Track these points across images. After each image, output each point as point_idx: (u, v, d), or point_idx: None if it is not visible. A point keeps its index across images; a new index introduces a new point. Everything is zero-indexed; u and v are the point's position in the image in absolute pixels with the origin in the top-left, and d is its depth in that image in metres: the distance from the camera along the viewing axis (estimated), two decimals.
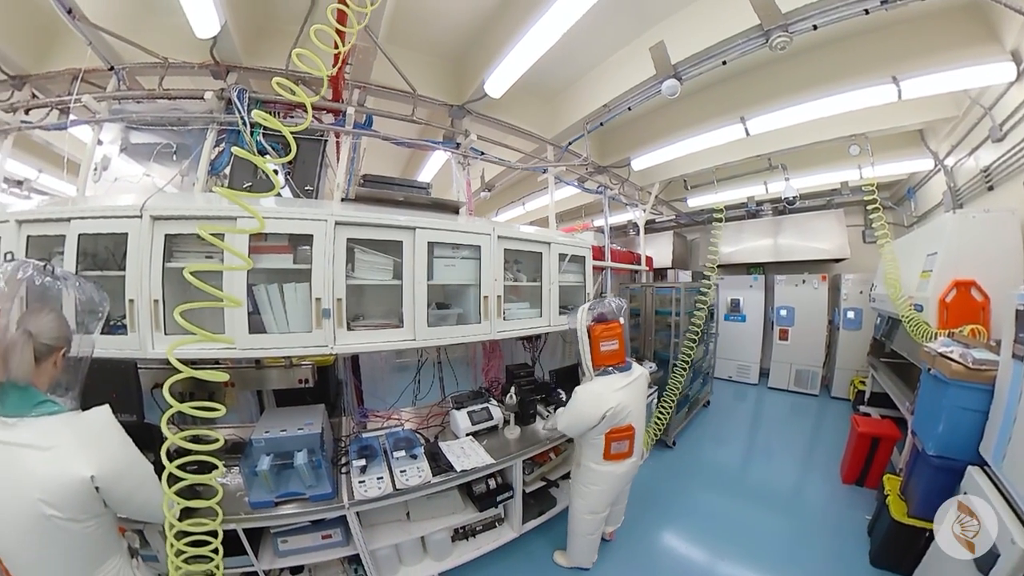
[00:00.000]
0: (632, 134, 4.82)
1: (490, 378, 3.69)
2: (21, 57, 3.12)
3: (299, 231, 2.10)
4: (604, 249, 4.76)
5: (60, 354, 1.36)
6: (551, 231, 3.65)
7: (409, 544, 2.57)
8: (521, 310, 2.95)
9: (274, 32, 3.18)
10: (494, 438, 2.88)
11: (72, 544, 1.30)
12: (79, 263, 2.05)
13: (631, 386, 2.40)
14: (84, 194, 2.86)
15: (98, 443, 1.33)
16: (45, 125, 3.10)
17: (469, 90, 3.53)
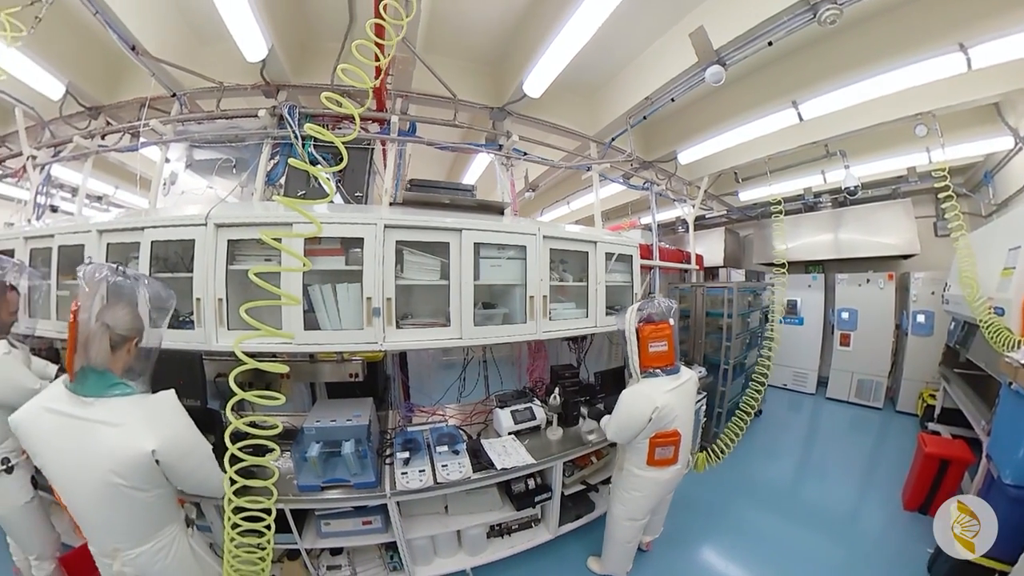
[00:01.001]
0: (677, 126, 4.62)
1: (534, 378, 3.66)
2: (95, 90, 3.53)
3: (350, 235, 2.22)
4: (652, 247, 4.56)
5: (133, 343, 1.54)
6: (597, 230, 3.55)
7: (445, 537, 2.64)
8: (567, 310, 2.90)
9: (317, 51, 3.41)
10: (536, 438, 2.85)
11: (135, 510, 1.49)
12: (152, 266, 2.28)
13: (679, 389, 2.31)
14: (155, 206, 3.14)
15: (162, 422, 1.51)
16: (119, 148, 3.47)
17: (508, 92, 3.53)
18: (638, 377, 2.32)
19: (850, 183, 4.82)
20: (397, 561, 2.53)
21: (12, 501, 2.16)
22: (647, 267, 4.34)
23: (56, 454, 1.45)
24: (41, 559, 2.31)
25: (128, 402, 1.47)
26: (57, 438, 1.43)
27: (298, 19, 3.23)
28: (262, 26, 2.64)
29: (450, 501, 2.65)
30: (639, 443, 2.27)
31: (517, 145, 3.61)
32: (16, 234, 2.99)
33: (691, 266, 5.34)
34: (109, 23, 2.59)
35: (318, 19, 3.27)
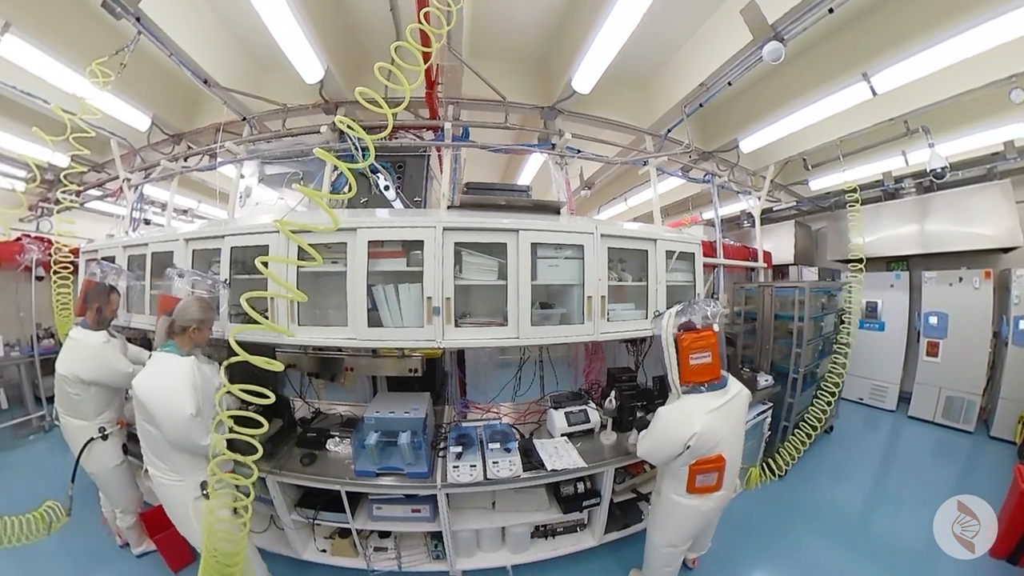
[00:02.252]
0: (737, 112, 4.34)
1: (590, 380, 3.58)
2: (176, 120, 4.13)
3: (411, 238, 2.32)
4: (715, 244, 4.27)
5: (191, 329, 2.07)
6: (656, 227, 3.42)
7: (489, 532, 2.67)
8: (626, 311, 2.79)
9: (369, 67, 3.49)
10: (589, 441, 2.78)
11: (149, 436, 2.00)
12: (232, 269, 2.57)
13: (725, 408, 2.02)
14: (233, 216, 3.53)
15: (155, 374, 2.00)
16: (200, 168, 4.01)
17: (557, 90, 3.51)
18: (678, 392, 2.06)
19: (936, 164, 4.22)
20: (441, 550, 2.60)
21: (105, 463, 2.58)
22: (710, 266, 4.10)
23: None
24: (125, 512, 2.74)
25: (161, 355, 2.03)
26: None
27: (349, 41, 3.47)
28: (317, 51, 2.91)
29: (498, 498, 2.66)
30: (678, 469, 2.04)
31: (570, 143, 3.57)
32: (116, 244, 3.48)
33: (758, 264, 4.98)
34: (182, 62, 2.98)
35: (367, 38, 3.47)
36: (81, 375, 2.45)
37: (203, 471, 2.01)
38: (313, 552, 2.68)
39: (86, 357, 2.48)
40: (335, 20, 3.22)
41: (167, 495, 2.05)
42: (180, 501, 2.04)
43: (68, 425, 2.55)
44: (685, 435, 1.92)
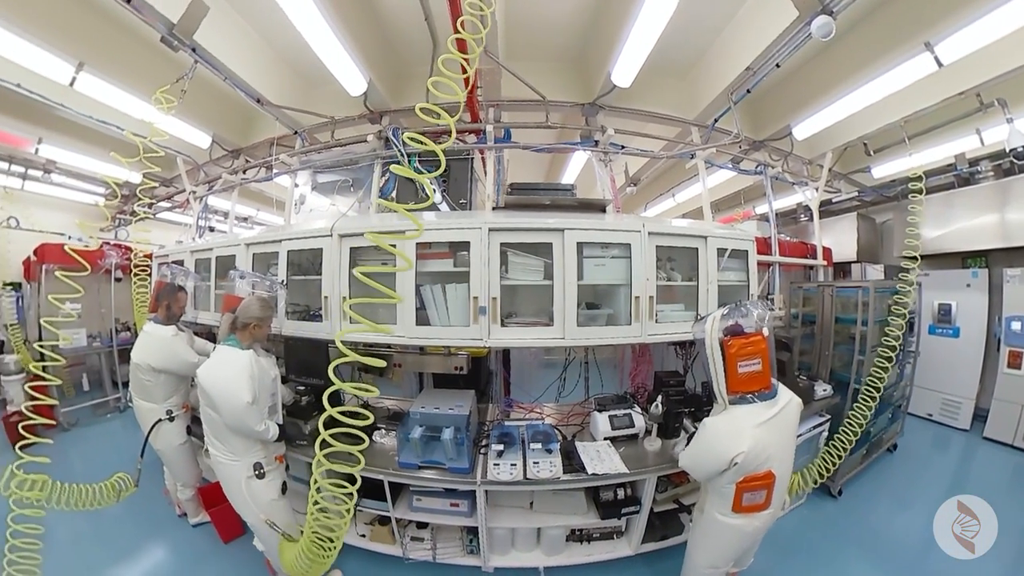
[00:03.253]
0: (788, 96, 4.07)
1: (636, 383, 3.50)
2: (234, 137, 4.54)
3: (457, 239, 2.37)
4: (770, 240, 3.97)
5: (252, 326, 2.24)
6: (707, 223, 3.29)
7: (525, 532, 2.67)
8: (675, 312, 2.66)
9: (410, 76, 3.77)
10: (632, 447, 2.70)
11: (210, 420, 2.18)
12: (288, 271, 2.80)
13: (775, 420, 1.85)
14: (289, 223, 3.87)
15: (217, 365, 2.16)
16: (257, 179, 4.46)
17: (597, 85, 3.45)
18: (724, 403, 1.89)
19: (1016, 142, 3.68)
20: (475, 545, 2.64)
21: (170, 441, 2.89)
22: (765, 264, 3.84)
23: None
24: (185, 486, 3.08)
25: (223, 348, 2.20)
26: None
27: (388, 53, 3.60)
28: (359, 65, 3.05)
29: (536, 498, 2.66)
30: (724, 487, 1.88)
31: (613, 139, 3.50)
32: (184, 249, 3.91)
33: (817, 261, 4.55)
34: (236, 84, 3.28)
35: (406, 48, 3.58)
36: (152, 364, 2.78)
37: (257, 453, 2.21)
38: (353, 536, 2.78)
39: (157, 348, 2.81)
40: (373, 34, 3.35)
41: (224, 473, 2.23)
42: (235, 479, 2.20)
43: (140, 407, 2.89)
44: (732, 451, 1.77)
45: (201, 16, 2.62)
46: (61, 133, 4.79)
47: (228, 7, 3.12)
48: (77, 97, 3.55)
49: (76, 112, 3.85)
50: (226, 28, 3.09)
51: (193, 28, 2.65)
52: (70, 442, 4.70)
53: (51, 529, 2.16)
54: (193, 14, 2.59)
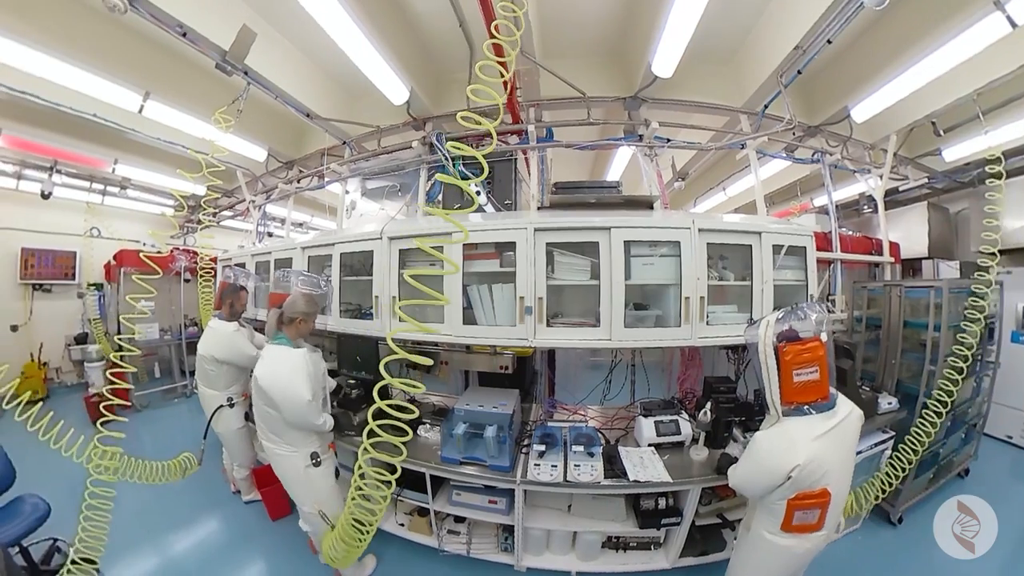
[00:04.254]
0: (843, 74, 3.71)
1: (685, 388, 3.32)
2: (287, 149, 4.93)
3: (503, 239, 2.41)
4: (830, 235, 3.68)
5: (298, 320, 2.32)
6: (761, 217, 3.11)
7: (560, 535, 2.63)
8: (727, 314, 2.52)
9: (450, 81, 3.85)
10: (677, 455, 2.58)
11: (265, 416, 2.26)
12: (342, 272, 2.98)
13: (833, 434, 1.71)
14: (341, 227, 4.04)
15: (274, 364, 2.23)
16: (310, 188, 4.78)
17: (638, 77, 3.33)
18: (778, 415, 1.76)
19: None
20: (510, 544, 2.64)
21: (230, 426, 3.19)
22: (825, 261, 3.53)
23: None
24: (241, 466, 3.39)
25: (274, 347, 2.28)
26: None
27: (427, 61, 3.69)
28: (400, 75, 3.17)
29: (575, 501, 2.63)
30: (774, 503, 1.76)
31: (658, 132, 3.37)
32: (246, 253, 4.37)
33: (883, 258, 4.10)
34: (287, 101, 3.52)
35: (444, 56, 3.62)
36: (215, 355, 3.07)
37: (313, 443, 2.32)
38: (392, 524, 2.88)
39: (220, 342, 3.09)
40: (411, 44, 3.43)
41: (283, 464, 2.34)
42: (295, 468, 2.31)
43: (204, 394, 3.21)
44: (787, 466, 1.64)
45: (250, 42, 2.85)
46: (134, 154, 5.41)
47: (274, 32, 3.34)
48: (146, 122, 3.98)
49: (145, 135, 4.34)
50: (273, 51, 3.32)
51: (244, 54, 2.89)
52: (142, 422, 5.27)
53: (121, 498, 2.43)
54: (242, 41, 2.82)
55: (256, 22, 2.98)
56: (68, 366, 6.70)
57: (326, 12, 2.53)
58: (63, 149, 5.17)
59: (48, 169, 5.56)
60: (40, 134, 4.81)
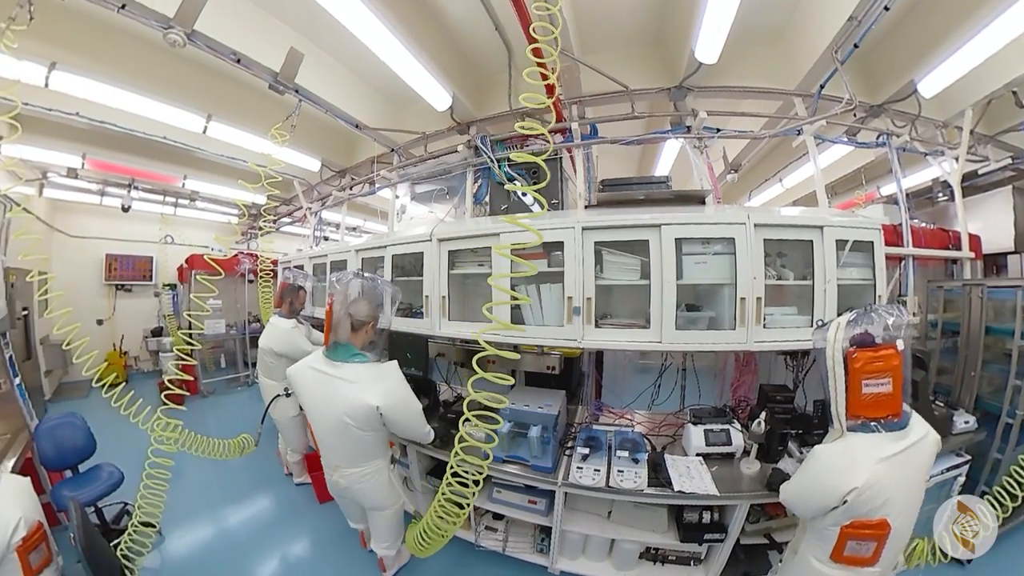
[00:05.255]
0: (906, 44, 3.31)
1: (738, 396, 3.18)
2: (339, 159, 5.20)
3: (551, 239, 2.37)
4: (900, 228, 3.25)
5: (369, 326, 2.14)
6: (822, 210, 2.89)
7: (598, 541, 2.58)
8: (786, 316, 2.33)
9: (490, 85, 3.89)
10: (726, 467, 2.43)
11: (356, 443, 2.13)
12: (393, 273, 3.12)
13: (902, 457, 1.51)
14: (393, 230, 4.28)
15: (386, 385, 2.08)
16: (362, 194, 5.06)
17: (681, 66, 3.20)
18: (841, 428, 1.60)
19: None
20: (546, 545, 2.63)
21: (286, 413, 3.43)
22: (894, 257, 3.16)
23: (312, 396, 2.16)
24: (295, 452, 3.68)
25: (363, 367, 2.08)
26: (314, 386, 2.13)
27: (466, 66, 3.75)
28: (441, 83, 3.26)
29: (615, 508, 2.56)
30: (826, 528, 1.59)
31: (706, 123, 3.24)
32: (304, 256, 4.81)
33: (962, 253, 3.59)
34: (336, 114, 3.74)
35: (482, 60, 3.67)
36: (275, 349, 3.35)
37: (387, 449, 2.37)
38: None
39: (279, 337, 3.36)
40: (450, 52, 3.50)
41: (370, 482, 2.24)
42: (381, 480, 2.27)
43: (264, 383, 3.52)
44: (844, 487, 1.48)
45: (298, 63, 3.09)
46: (201, 170, 5.98)
47: (319, 51, 3.54)
48: (210, 141, 4.43)
49: (210, 153, 4.84)
50: (321, 69, 3.52)
51: (293, 74, 3.13)
52: (208, 406, 6.01)
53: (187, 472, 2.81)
54: (291, 62, 3.07)
55: (303, 44, 3.20)
56: (145, 355, 7.72)
57: (367, 29, 2.65)
58: (139, 168, 5.84)
59: (127, 186, 6.34)
60: (119, 156, 5.41)
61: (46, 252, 6.20)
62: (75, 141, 4.95)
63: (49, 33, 2.82)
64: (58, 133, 4.64)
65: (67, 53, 3.14)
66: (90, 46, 3.22)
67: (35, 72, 3.05)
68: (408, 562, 2.75)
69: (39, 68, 3.05)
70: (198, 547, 3.01)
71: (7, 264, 3.66)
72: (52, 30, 2.84)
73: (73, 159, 5.25)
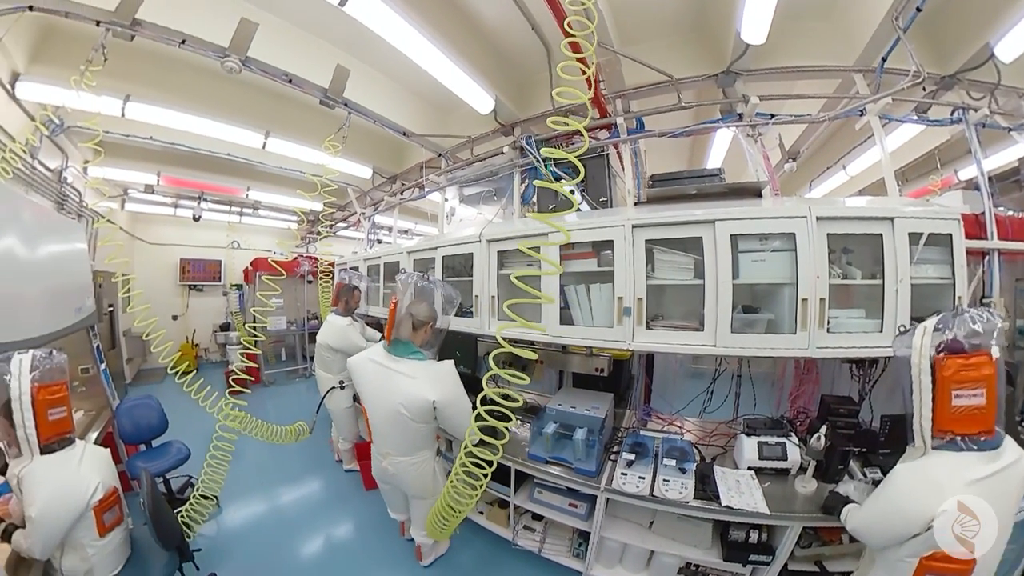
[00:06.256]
0: (977, 1, 2.94)
1: (797, 407, 2.98)
2: (388, 166, 5.51)
3: (600, 238, 2.38)
4: (983, 217, 2.74)
5: (428, 326, 2.33)
6: (892, 199, 2.62)
7: (636, 551, 2.50)
8: (852, 320, 2.12)
9: (532, 84, 3.91)
10: (779, 484, 2.29)
11: (408, 433, 2.29)
12: (444, 273, 3.24)
13: (994, 481, 1.34)
14: (442, 232, 4.48)
15: (442, 382, 2.24)
16: (413, 198, 5.28)
17: (727, 50, 3.03)
18: (925, 445, 1.45)
19: None
20: (582, 551, 2.61)
21: (339, 404, 3.69)
22: (977, 252, 2.66)
23: (371, 386, 2.36)
24: (346, 440, 3.94)
25: (420, 364, 2.26)
26: (373, 377, 2.33)
27: (506, 68, 3.79)
28: (483, 86, 3.34)
29: (658, 518, 2.45)
30: (901, 559, 1.43)
31: (759, 108, 3.02)
32: (359, 258, 5.19)
33: None
34: (384, 124, 3.94)
35: (521, 60, 3.68)
36: (331, 344, 3.60)
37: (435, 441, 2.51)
38: (472, 511, 2.87)
39: (335, 333, 3.61)
40: (490, 56, 3.56)
41: (417, 471, 2.41)
42: (428, 470, 2.46)
43: (320, 376, 3.79)
44: (928, 511, 1.34)
45: (345, 78, 3.32)
46: (262, 181, 6.61)
47: (364, 66, 3.74)
48: (269, 155, 4.92)
49: (269, 166, 5.37)
50: (366, 82, 3.73)
51: (341, 89, 3.35)
52: (268, 395, 6.63)
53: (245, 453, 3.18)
54: (339, 78, 3.30)
55: (348, 60, 3.43)
56: (214, 348, 8.70)
57: (408, 42, 2.77)
58: (207, 183, 6.59)
59: (197, 198, 7.17)
60: (189, 173, 6.13)
61: (128, 257, 7.10)
62: (150, 161, 5.64)
63: (122, 70, 3.18)
64: (135, 155, 5.30)
65: (139, 86, 3.60)
66: (158, 78, 3.67)
67: (113, 105, 3.53)
68: (444, 554, 2.85)
69: (116, 101, 3.53)
70: (250, 521, 3.34)
71: (95, 268, 4.15)
72: (124, 68, 3.21)
73: (149, 177, 6.05)
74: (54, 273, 2.99)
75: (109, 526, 1.92)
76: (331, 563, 2.90)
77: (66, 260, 3.25)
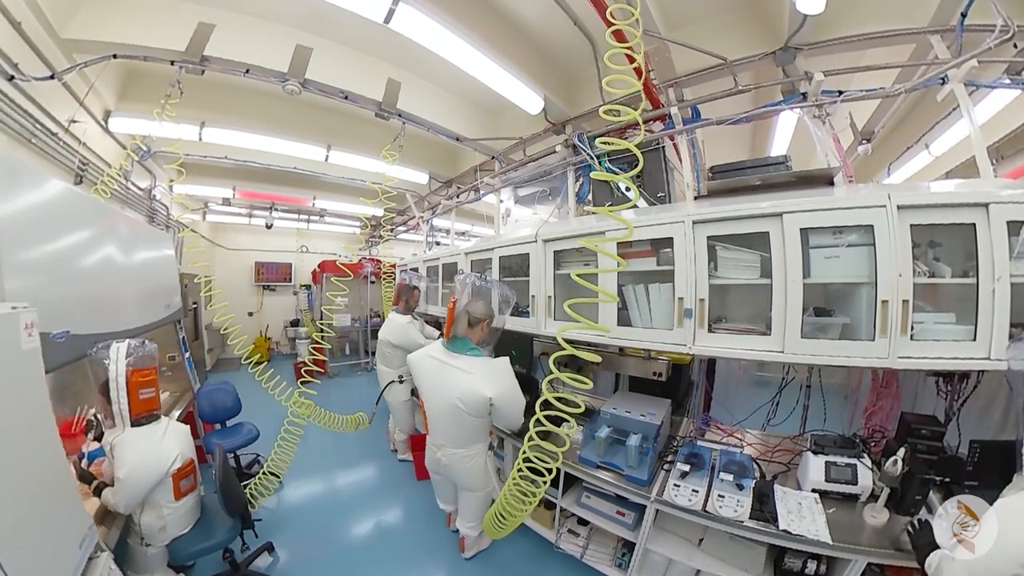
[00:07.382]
0: None
1: (872, 425, 2.65)
2: (444, 171, 5.78)
3: (659, 235, 2.27)
4: None
5: (484, 324, 2.45)
6: (985, 181, 2.24)
7: (682, 568, 2.32)
8: (939, 325, 1.80)
9: (580, 80, 3.92)
10: (846, 510, 2.05)
11: (463, 426, 2.41)
12: (500, 274, 3.30)
13: None
14: (499, 233, 4.66)
15: (499, 379, 2.33)
16: (469, 201, 5.52)
17: (783, 24, 2.79)
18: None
19: None
20: (626, 561, 2.53)
21: (398, 397, 3.94)
22: None
23: (429, 381, 2.48)
24: (402, 432, 4.18)
25: (477, 361, 2.38)
26: (431, 372, 2.46)
27: (553, 67, 3.80)
28: (531, 87, 3.38)
29: (708, 535, 2.30)
30: None
31: (825, 85, 2.75)
32: (418, 260, 5.44)
33: None
34: (438, 131, 4.13)
35: (566, 57, 3.68)
36: (391, 341, 3.84)
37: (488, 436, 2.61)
38: None
39: (395, 330, 3.84)
40: (535, 57, 3.58)
41: (470, 464, 2.52)
42: (480, 463, 2.57)
43: (381, 370, 4.06)
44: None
45: (397, 91, 3.56)
46: (326, 191, 7.30)
47: (414, 77, 3.97)
48: (331, 167, 5.33)
49: (333, 176, 5.85)
50: (418, 92, 3.96)
51: (394, 101, 3.57)
52: (332, 386, 7.08)
53: (309, 438, 3.55)
54: (391, 91, 3.54)
55: (399, 74, 3.68)
56: (284, 341, 9.62)
57: (455, 52, 2.88)
58: (277, 194, 7.41)
59: (269, 208, 8.04)
60: (261, 186, 6.97)
61: (209, 261, 7.99)
62: (226, 178, 6.47)
63: (197, 101, 3.68)
64: (213, 173, 6.11)
65: (212, 113, 4.15)
66: (228, 105, 4.23)
67: (191, 131, 4.07)
68: (487, 548, 2.92)
69: (193, 127, 4.07)
70: (308, 499, 3.64)
71: (181, 271, 4.68)
72: (199, 98, 3.77)
73: (226, 191, 6.90)
74: (147, 276, 3.40)
75: (184, 491, 2.21)
76: (378, 545, 3.07)
77: (157, 265, 3.69)
